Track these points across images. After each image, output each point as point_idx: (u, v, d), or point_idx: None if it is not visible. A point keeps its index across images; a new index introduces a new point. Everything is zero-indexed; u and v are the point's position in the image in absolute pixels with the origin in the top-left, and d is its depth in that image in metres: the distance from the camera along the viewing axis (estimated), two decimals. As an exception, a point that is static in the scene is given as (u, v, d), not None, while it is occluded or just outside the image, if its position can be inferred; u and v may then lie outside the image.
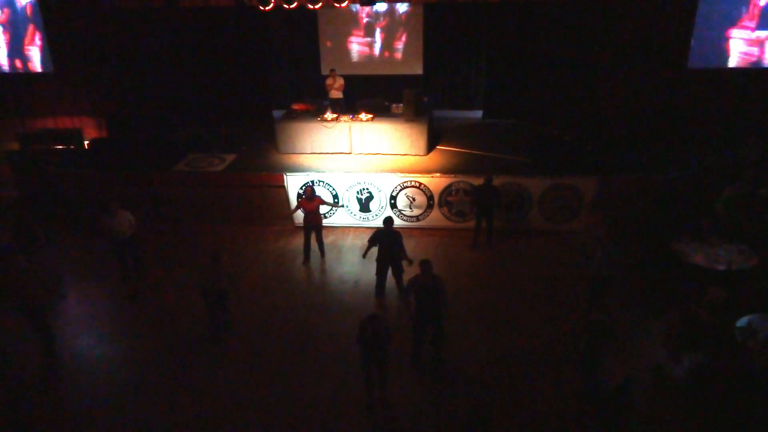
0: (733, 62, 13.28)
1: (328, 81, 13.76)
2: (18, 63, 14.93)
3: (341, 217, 11.55)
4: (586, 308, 8.48)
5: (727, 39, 13.10)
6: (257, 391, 7.30)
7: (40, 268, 8.03)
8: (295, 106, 13.38)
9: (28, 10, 14.44)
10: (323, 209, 10.90)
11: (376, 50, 15.53)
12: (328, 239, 10.85)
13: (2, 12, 14.55)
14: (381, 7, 14.87)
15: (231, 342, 8.24)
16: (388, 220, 8.87)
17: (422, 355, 7.62)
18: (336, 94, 13.74)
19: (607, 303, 8.40)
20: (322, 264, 10.38)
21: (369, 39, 15.43)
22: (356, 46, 15.54)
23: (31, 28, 14.57)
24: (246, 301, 9.12)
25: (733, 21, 12.97)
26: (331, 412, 6.95)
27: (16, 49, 14.79)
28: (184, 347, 8.19)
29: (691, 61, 13.30)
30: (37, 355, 8.01)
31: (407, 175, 11.21)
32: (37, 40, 14.61)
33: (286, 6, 12.05)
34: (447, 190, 11.13)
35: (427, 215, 11.39)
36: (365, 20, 15.22)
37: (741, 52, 13.14)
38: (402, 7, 14.95)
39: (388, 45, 15.42)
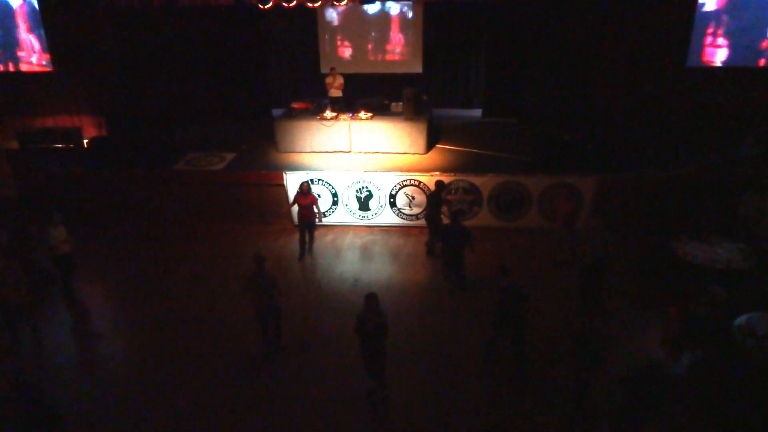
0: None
1: (328, 79, 13.74)
2: (17, 62, 14.92)
3: (340, 216, 11.56)
4: (578, 301, 8.48)
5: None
6: (257, 391, 7.31)
7: (18, 268, 7.96)
8: (295, 105, 13.37)
9: (28, 9, 14.43)
10: (324, 207, 11.11)
11: (376, 49, 15.51)
12: (326, 238, 10.86)
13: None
14: (380, 5, 14.86)
15: (230, 342, 8.25)
16: (456, 214, 9.28)
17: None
18: (335, 92, 13.71)
19: (597, 298, 8.32)
20: (314, 261, 10.38)
21: (368, 37, 15.42)
22: (356, 45, 15.52)
23: (30, 27, 14.55)
24: (245, 301, 9.08)
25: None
26: (331, 411, 6.95)
27: (15, 49, 14.78)
28: (183, 347, 8.20)
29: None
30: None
31: (407, 173, 11.21)
32: (37, 39, 14.60)
33: (285, 4, 12.07)
34: (446, 189, 11.11)
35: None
36: (365, 19, 15.20)
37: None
38: (402, 6, 14.94)
39: (387, 43, 15.40)
